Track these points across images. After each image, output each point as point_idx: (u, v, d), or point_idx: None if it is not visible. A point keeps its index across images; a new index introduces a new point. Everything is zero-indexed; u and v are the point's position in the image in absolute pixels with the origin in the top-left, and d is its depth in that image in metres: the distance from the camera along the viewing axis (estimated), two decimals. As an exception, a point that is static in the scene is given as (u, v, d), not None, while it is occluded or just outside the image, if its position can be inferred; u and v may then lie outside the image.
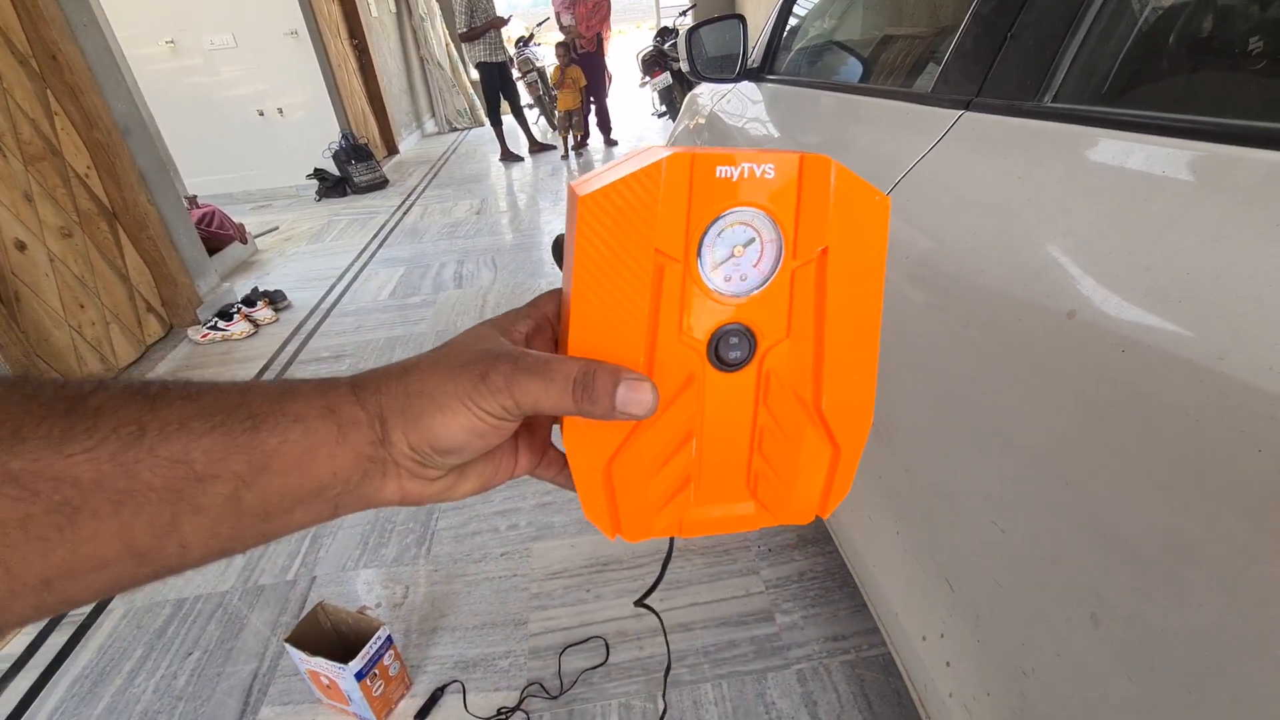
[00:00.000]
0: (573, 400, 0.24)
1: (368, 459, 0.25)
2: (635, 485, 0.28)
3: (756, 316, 0.26)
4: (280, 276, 3.47)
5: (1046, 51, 0.60)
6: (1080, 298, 0.47)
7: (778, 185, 0.25)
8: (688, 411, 0.27)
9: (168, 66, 4.96)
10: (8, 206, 2.15)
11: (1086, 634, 0.47)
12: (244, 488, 0.22)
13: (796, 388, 0.28)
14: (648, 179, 0.24)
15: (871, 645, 1.21)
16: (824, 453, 0.29)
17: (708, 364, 0.27)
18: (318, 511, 0.25)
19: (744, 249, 0.25)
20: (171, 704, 1.22)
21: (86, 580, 0.21)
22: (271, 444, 0.23)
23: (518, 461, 0.31)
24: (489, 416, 0.24)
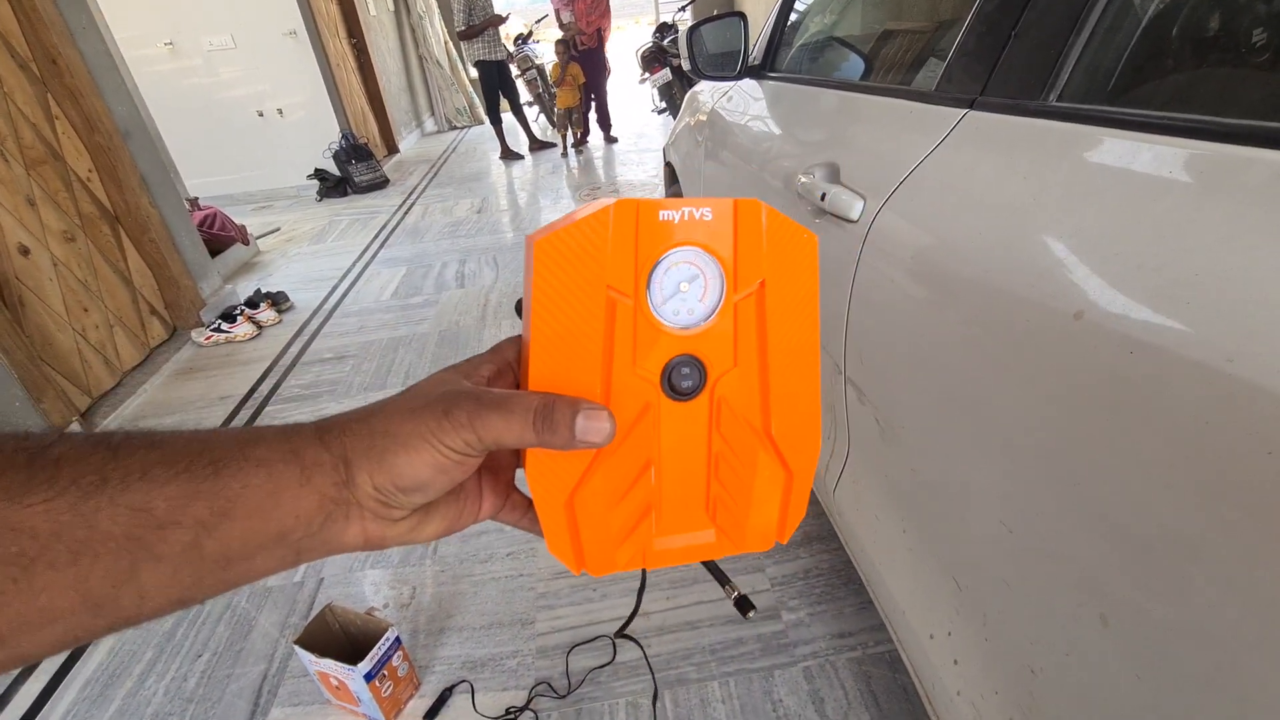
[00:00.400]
0: (534, 431, 0.25)
1: (331, 501, 0.25)
2: (598, 517, 0.29)
3: (705, 347, 0.28)
4: (282, 278, 3.48)
5: (1051, 50, 0.60)
6: (1087, 299, 0.47)
7: (715, 226, 0.27)
8: (645, 440, 0.29)
9: (167, 68, 4.96)
10: (10, 211, 2.15)
11: (1096, 633, 0.47)
12: (205, 534, 0.22)
13: (747, 414, 0.29)
14: (597, 223, 0.26)
15: (878, 642, 1.21)
16: (778, 477, 0.30)
17: (662, 394, 0.28)
18: (280, 558, 0.25)
19: (689, 285, 0.27)
20: (182, 706, 1.23)
21: (40, 635, 0.21)
22: (234, 488, 0.23)
23: (482, 504, 0.31)
24: (452, 452, 0.25)
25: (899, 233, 0.74)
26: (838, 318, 0.89)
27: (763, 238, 0.28)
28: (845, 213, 0.83)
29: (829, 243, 0.91)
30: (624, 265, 0.26)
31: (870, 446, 0.88)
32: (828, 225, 0.90)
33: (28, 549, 0.19)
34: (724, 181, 1.52)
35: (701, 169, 1.73)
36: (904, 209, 0.74)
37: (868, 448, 0.89)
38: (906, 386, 0.74)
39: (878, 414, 0.83)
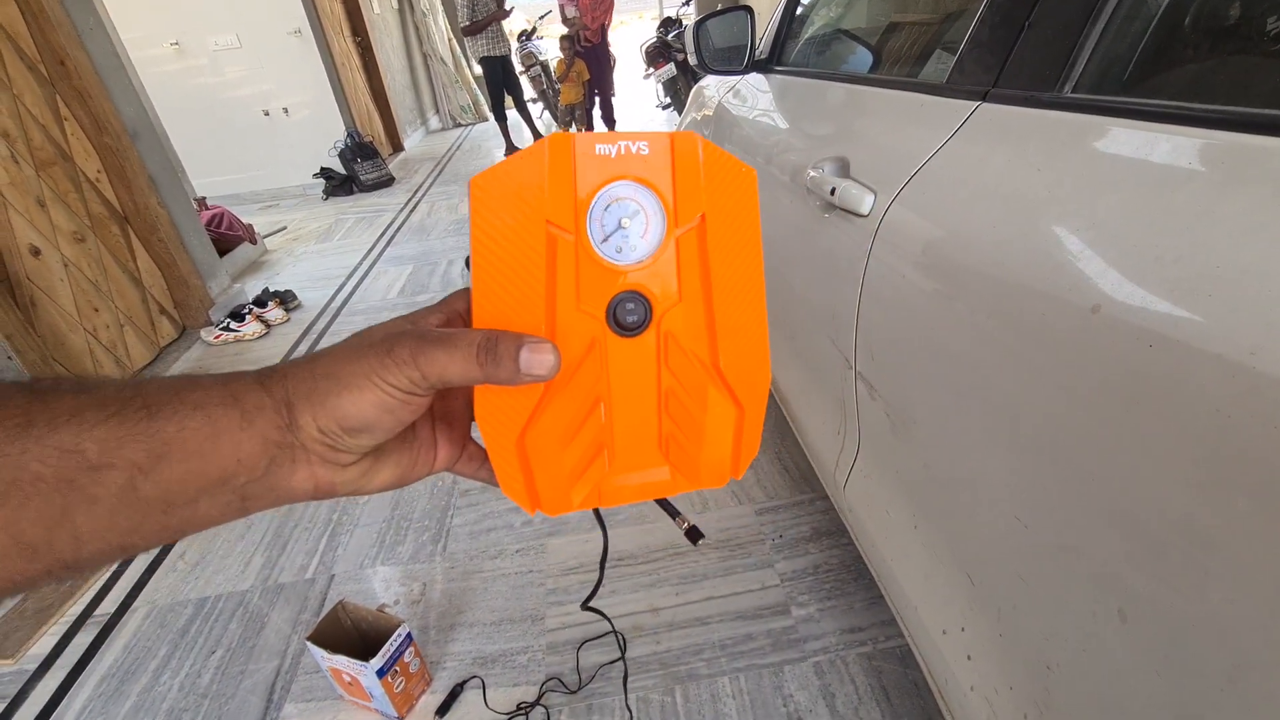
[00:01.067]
0: (478, 365, 0.25)
1: (275, 445, 0.24)
2: (549, 456, 0.29)
3: (649, 283, 0.28)
4: (290, 276, 3.49)
5: (1066, 40, 0.59)
6: (1104, 292, 0.47)
7: (652, 161, 0.27)
8: (593, 376, 0.29)
9: (173, 68, 4.97)
10: (21, 212, 2.17)
11: (1114, 630, 0.47)
12: (141, 476, 0.22)
13: (694, 348, 0.29)
14: (532, 157, 0.26)
15: (888, 637, 1.21)
16: (729, 413, 0.30)
17: (608, 330, 0.28)
18: (225, 503, 0.25)
19: (630, 220, 0.27)
20: (197, 702, 1.24)
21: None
22: (170, 431, 0.22)
23: (437, 454, 0.31)
24: (396, 390, 0.25)
25: (911, 227, 0.73)
26: (848, 313, 0.88)
27: (700, 171, 0.27)
28: (856, 207, 0.82)
29: (839, 237, 0.90)
30: (562, 200, 0.26)
31: (881, 441, 0.87)
32: (837, 220, 0.90)
33: None
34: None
35: (708, 164, 1.72)
36: (915, 203, 0.73)
37: (879, 443, 0.89)
38: (919, 381, 0.74)
39: (889, 409, 0.82)
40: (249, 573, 1.54)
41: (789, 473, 1.64)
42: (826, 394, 1.06)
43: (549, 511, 0.30)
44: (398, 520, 1.64)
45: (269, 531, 1.66)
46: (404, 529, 1.61)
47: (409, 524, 1.63)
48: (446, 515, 1.63)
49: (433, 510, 1.66)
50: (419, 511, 1.66)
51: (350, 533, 1.62)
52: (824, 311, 0.99)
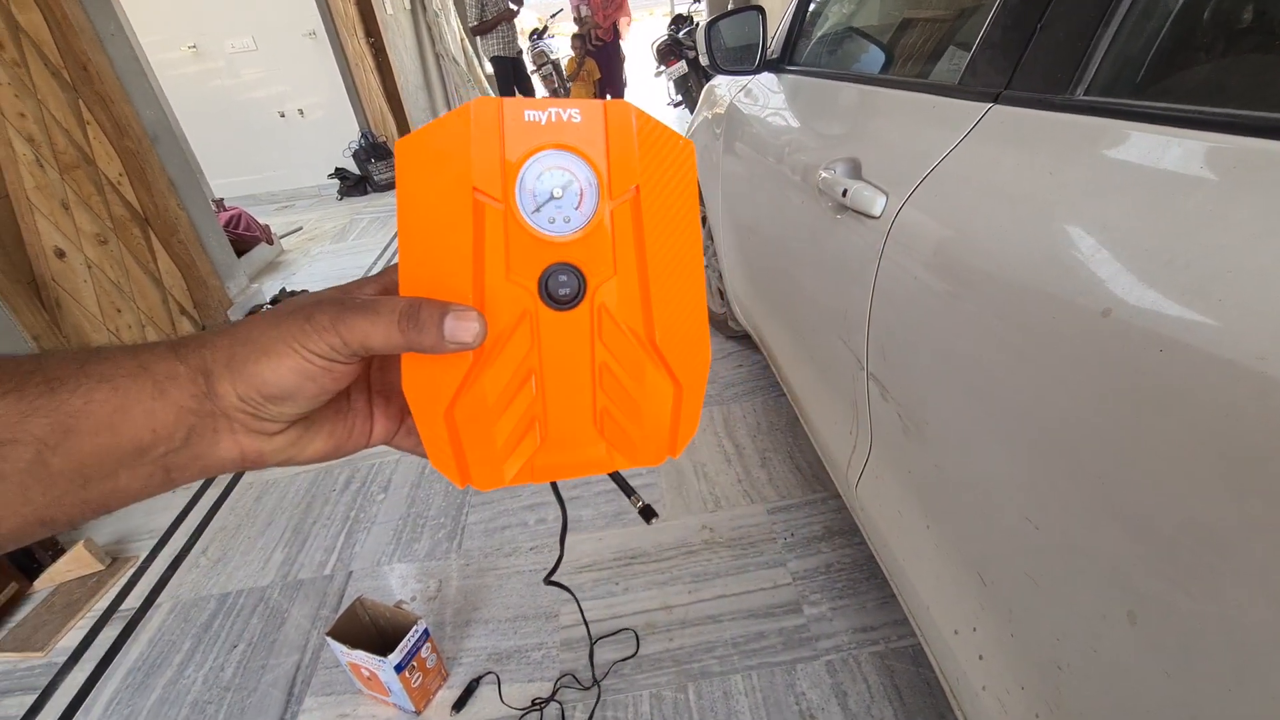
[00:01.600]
0: (400, 332, 0.24)
1: (192, 413, 0.24)
2: (480, 429, 0.28)
3: (583, 255, 0.27)
4: (306, 276, 3.54)
5: (1078, 43, 0.59)
6: (1115, 296, 0.47)
7: (585, 129, 0.27)
8: (524, 349, 0.28)
9: (191, 71, 5.04)
10: (46, 215, 2.22)
11: (1123, 631, 0.48)
12: (48, 451, 0.22)
13: (629, 322, 0.29)
14: (458, 119, 0.25)
15: (901, 636, 1.21)
16: (666, 390, 0.30)
17: (540, 302, 0.27)
18: (147, 475, 0.24)
19: (562, 191, 0.27)
20: (220, 694, 1.27)
21: None
22: (75, 404, 0.22)
23: (373, 427, 0.31)
24: (316, 357, 0.24)
25: (922, 229, 0.73)
26: (860, 314, 0.89)
27: (634, 141, 0.27)
28: (867, 209, 0.83)
29: (851, 239, 0.90)
30: (489, 167, 0.26)
31: (893, 442, 0.88)
32: (849, 221, 0.90)
33: None
34: (742, 176, 1.52)
35: (720, 164, 1.72)
36: (927, 205, 0.74)
37: (891, 443, 0.89)
38: (931, 382, 0.74)
39: (901, 410, 0.83)
40: (269, 569, 1.57)
41: (801, 471, 1.65)
42: (838, 394, 1.07)
43: (479, 486, 0.30)
44: (414, 518, 1.67)
45: (288, 528, 1.69)
46: (420, 526, 1.63)
47: (425, 521, 1.65)
48: (462, 513, 1.65)
49: (448, 508, 1.68)
50: (434, 509, 1.68)
51: (367, 530, 1.65)
52: (835, 312, 1.00)
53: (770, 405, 1.92)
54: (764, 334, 1.55)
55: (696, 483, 1.65)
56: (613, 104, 0.27)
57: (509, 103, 0.26)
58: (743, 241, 1.60)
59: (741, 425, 1.84)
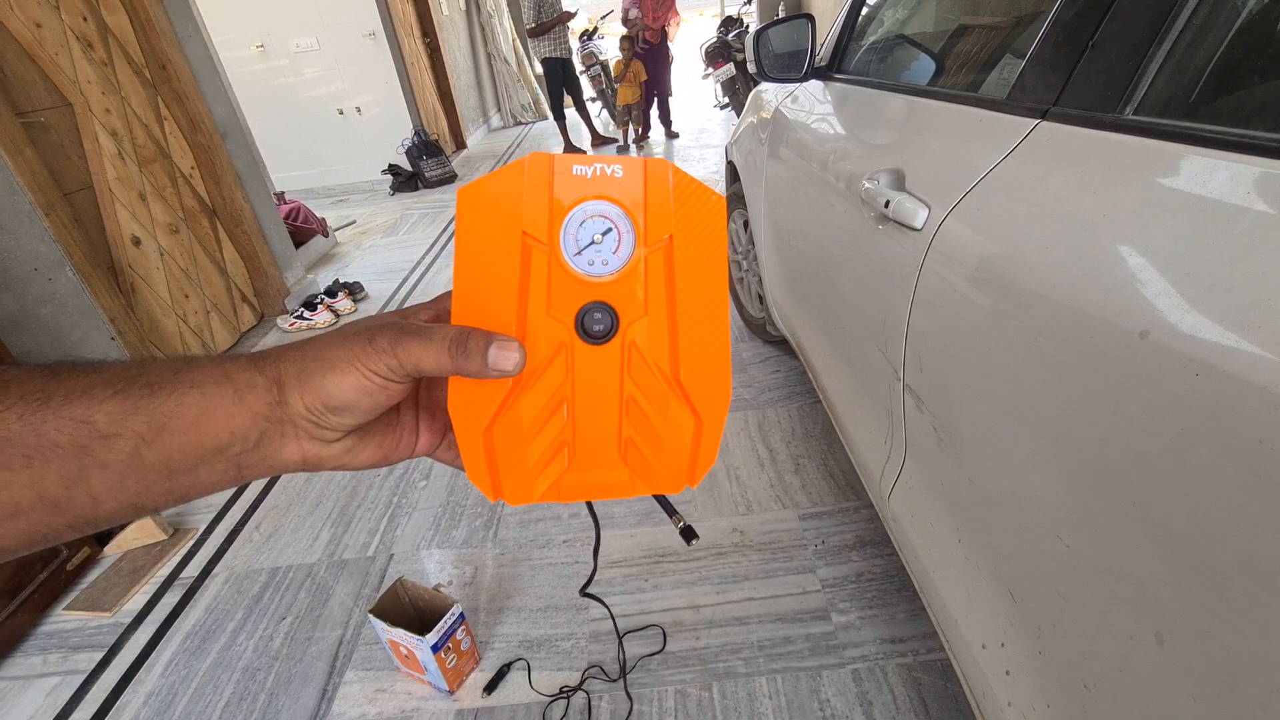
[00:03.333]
0: (449, 357, 0.27)
1: (265, 419, 0.27)
2: (514, 448, 0.31)
3: (617, 295, 0.30)
4: (358, 268, 3.67)
5: (1130, 62, 0.59)
6: (1154, 318, 0.47)
7: (626, 183, 0.29)
8: (559, 378, 0.31)
9: (257, 69, 5.29)
10: (125, 205, 2.37)
11: (1151, 652, 0.48)
12: (145, 445, 0.25)
13: (656, 360, 0.31)
14: (513, 172, 0.29)
15: (929, 650, 1.21)
16: (687, 423, 0.32)
17: (576, 337, 0.30)
18: (222, 471, 0.27)
19: (603, 237, 0.29)
20: (269, 663, 1.35)
21: (5, 526, 0.24)
22: (169, 406, 0.25)
23: (418, 440, 0.33)
24: (375, 375, 0.27)
25: (964, 242, 0.74)
26: (898, 324, 0.89)
27: (670, 196, 0.30)
28: (909, 220, 0.83)
29: (892, 249, 0.91)
30: (539, 214, 0.29)
31: (927, 454, 0.88)
32: (891, 232, 0.90)
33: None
34: (786, 182, 1.52)
35: (763, 168, 1.73)
36: (970, 219, 0.74)
37: (924, 455, 0.89)
38: (967, 396, 0.74)
39: (936, 422, 0.83)
40: (316, 547, 1.65)
41: (834, 479, 1.64)
42: (874, 403, 1.07)
43: (510, 500, 0.32)
44: (453, 506, 1.73)
45: (335, 510, 1.77)
46: (458, 515, 1.69)
47: (463, 510, 1.71)
48: (498, 504, 1.70)
49: (485, 499, 1.73)
50: (472, 499, 1.74)
51: (409, 516, 1.71)
52: (874, 321, 1.00)
53: (806, 411, 1.91)
54: (801, 340, 1.55)
55: (729, 485, 1.66)
56: (653, 162, 0.29)
57: (559, 158, 0.29)
58: (783, 247, 1.60)
59: (776, 430, 1.85)
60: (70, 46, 2.22)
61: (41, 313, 1.86)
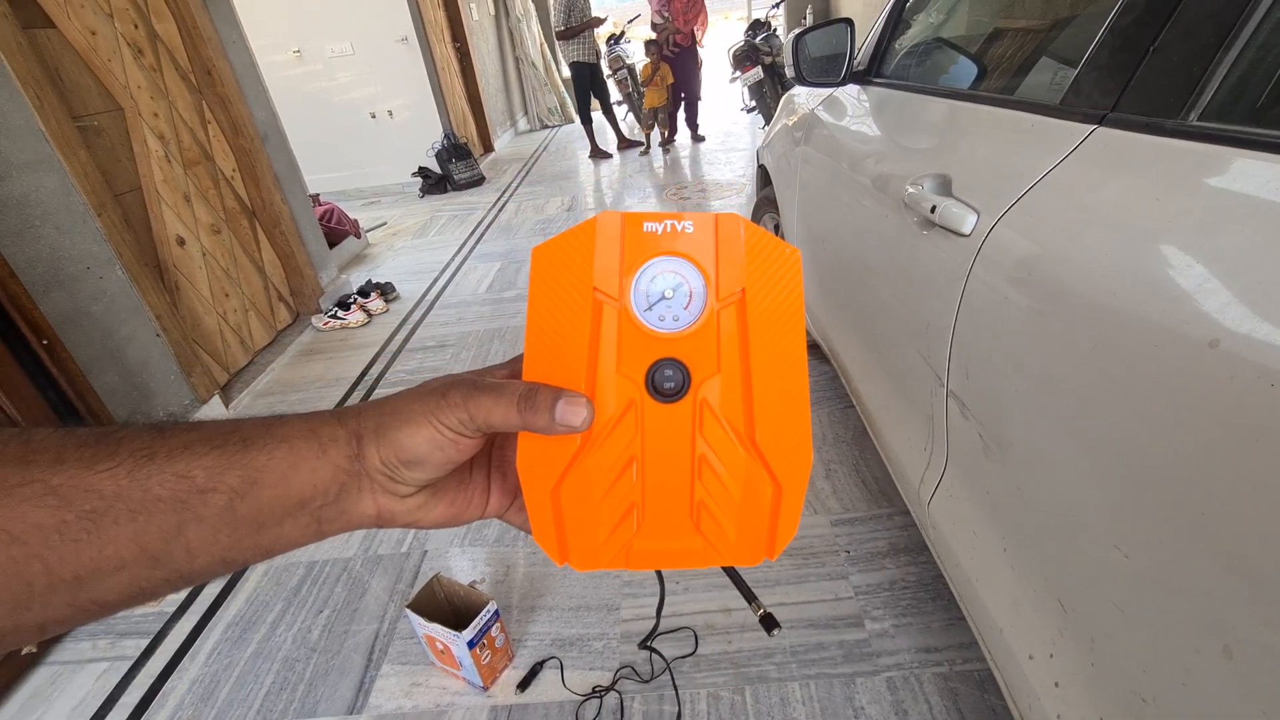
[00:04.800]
0: (517, 413, 0.28)
1: (345, 472, 0.28)
2: (582, 510, 0.30)
3: (689, 352, 0.29)
4: (390, 269, 3.73)
5: (1194, 66, 0.58)
6: (1224, 327, 0.47)
7: (697, 238, 0.29)
8: (628, 437, 0.30)
9: (294, 74, 5.41)
10: (171, 207, 2.44)
11: (1217, 666, 0.47)
12: (238, 499, 0.26)
13: (730, 419, 0.30)
14: (585, 232, 0.29)
15: (966, 660, 1.19)
16: (765, 489, 0.30)
17: (646, 394, 0.30)
18: (304, 525, 0.28)
19: (673, 293, 0.29)
20: (307, 654, 1.38)
21: (110, 580, 0.25)
22: (261, 460, 0.27)
23: (489, 500, 0.34)
24: (447, 430, 0.28)
25: (1016, 248, 0.73)
26: (943, 330, 0.88)
27: (742, 249, 0.29)
28: (957, 226, 0.82)
29: (937, 255, 0.90)
30: (610, 270, 0.29)
31: (971, 461, 0.87)
32: (936, 238, 0.90)
33: (98, 506, 0.24)
34: (821, 186, 1.52)
35: (797, 172, 1.73)
36: (1021, 225, 0.73)
37: (968, 463, 0.88)
38: (1017, 403, 0.74)
39: (982, 429, 0.82)
40: (352, 543, 1.68)
41: (867, 486, 1.63)
42: (913, 409, 1.06)
43: (576, 566, 0.31)
44: (484, 504, 1.74)
45: (369, 506, 1.80)
46: (490, 513, 1.71)
47: (494, 509, 1.72)
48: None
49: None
50: (504, 497, 1.76)
51: (441, 513, 1.73)
52: (916, 327, 0.99)
53: (837, 417, 1.90)
54: (835, 345, 1.54)
55: (759, 490, 1.66)
56: (724, 216, 0.29)
57: (630, 215, 0.29)
58: (816, 252, 1.60)
59: (807, 435, 1.84)
60: (122, 53, 2.30)
61: (93, 310, 1.93)
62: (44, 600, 0.24)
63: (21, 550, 0.23)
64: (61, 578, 0.24)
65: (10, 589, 0.23)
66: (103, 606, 0.25)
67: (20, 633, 0.24)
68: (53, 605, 0.24)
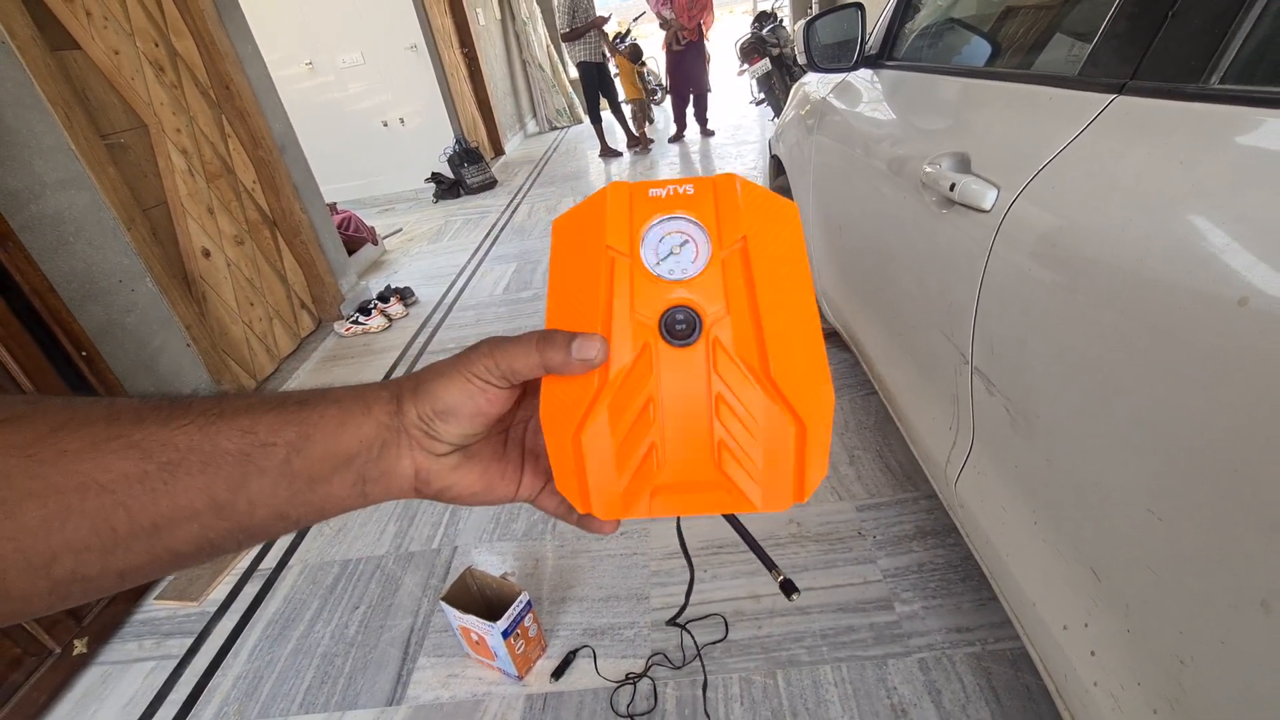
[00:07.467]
0: (536, 351, 0.29)
1: (386, 428, 0.30)
2: (603, 453, 0.30)
3: (699, 298, 0.31)
4: (407, 274, 3.78)
5: (1215, 30, 0.58)
6: (1252, 285, 0.47)
7: (697, 198, 0.32)
8: (644, 377, 0.31)
9: (306, 85, 5.49)
10: (195, 219, 2.50)
11: (1257, 621, 0.47)
12: (294, 453, 0.28)
13: (745, 357, 0.30)
14: (597, 200, 0.32)
15: (998, 639, 1.19)
16: (787, 427, 0.30)
17: (660, 338, 0.31)
18: (351, 484, 0.30)
19: (680, 248, 0.31)
20: (345, 649, 1.41)
21: (183, 529, 0.27)
22: (314, 417, 0.29)
23: (521, 480, 0.35)
24: (476, 378, 0.30)
25: (1038, 221, 0.73)
26: (965, 308, 0.89)
27: (739, 201, 0.31)
28: (977, 202, 0.83)
29: (957, 233, 0.91)
30: (621, 231, 0.31)
31: (998, 437, 0.87)
32: (956, 216, 0.90)
33: (173, 458, 0.26)
34: (836, 173, 1.52)
35: (811, 160, 1.73)
36: (1043, 198, 0.73)
37: (995, 439, 0.88)
38: (1043, 376, 0.74)
39: (1009, 404, 0.82)
40: (384, 540, 1.71)
41: (891, 471, 1.63)
42: (937, 389, 1.06)
43: (599, 514, 0.31)
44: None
45: (399, 505, 1.83)
46: (518, 509, 1.74)
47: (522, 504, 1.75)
48: (555, 497, 1.74)
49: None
50: (530, 493, 1.78)
51: (470, 510, 1.76)
52: (938, 306, 1.00)
53: (858, 404, 1.90)
54: (855, 330, 1.55)
55: (783, 478, 1.67)
56: (721, 176, 0.32)
57: (637, 184, 0.32)
58: (833, 238, 1.60)
59: (829, 423, 1.84)
60: (144, 71, 2.36)
61: (126, 321, 1.98)
62: (126, 546, 0.26)
63: (110, 499, 0.25)
64: (142, 525, 0.26)
65: (99, 534, 0.25)
66: (175, 556, 0.27)
67: (105, 577, 0.26)
68: (134, 551, 0.26)
